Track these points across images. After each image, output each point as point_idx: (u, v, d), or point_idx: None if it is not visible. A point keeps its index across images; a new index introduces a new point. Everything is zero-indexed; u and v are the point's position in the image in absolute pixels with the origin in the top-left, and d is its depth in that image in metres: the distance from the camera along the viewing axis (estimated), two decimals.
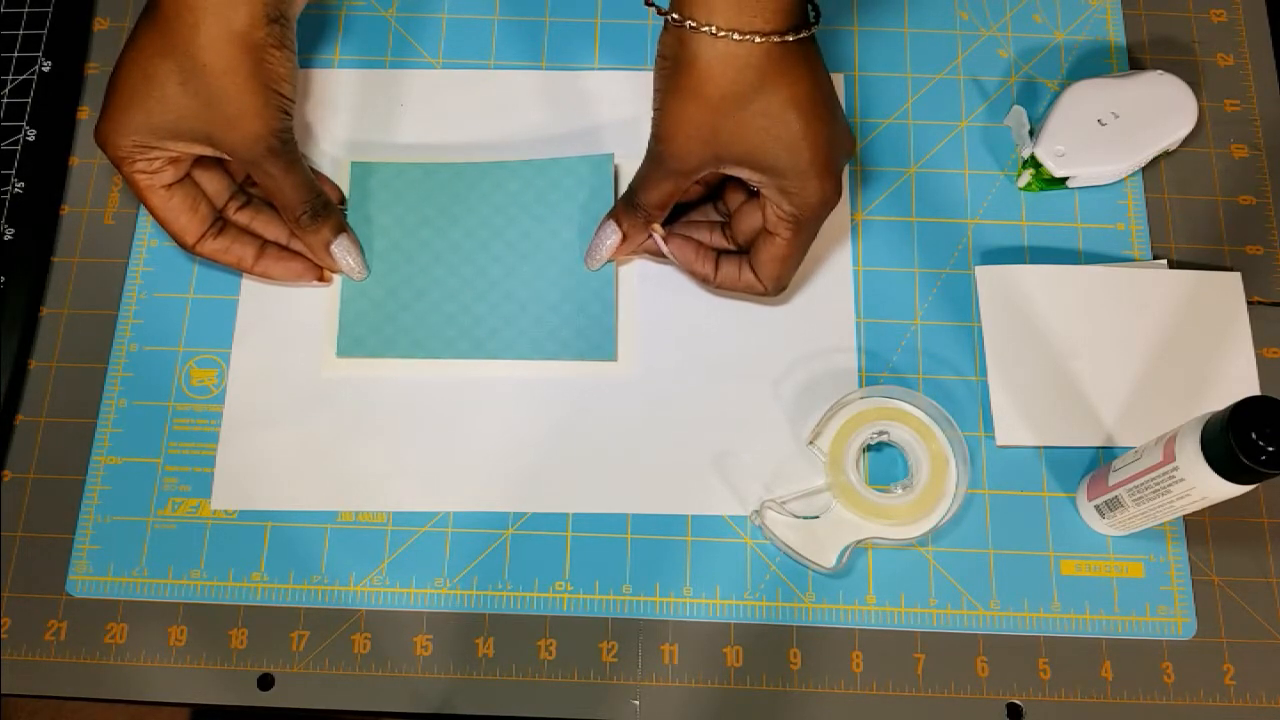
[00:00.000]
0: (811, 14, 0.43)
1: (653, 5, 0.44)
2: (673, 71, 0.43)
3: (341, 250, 0.51)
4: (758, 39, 0.41)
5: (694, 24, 0.41)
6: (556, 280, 0.53)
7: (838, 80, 0.58)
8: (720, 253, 0.51)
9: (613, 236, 0.51)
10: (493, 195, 0.54)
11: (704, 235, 0.52)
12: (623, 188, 0.50)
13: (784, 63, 0.42)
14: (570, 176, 0.54)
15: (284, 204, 0.49)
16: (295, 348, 0.53)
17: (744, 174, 0.45)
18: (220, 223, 0.51)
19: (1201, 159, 0.57)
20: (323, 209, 0.50)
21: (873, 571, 0.50)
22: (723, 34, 0.41)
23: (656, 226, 0.50)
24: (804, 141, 0.43)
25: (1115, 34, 0.59)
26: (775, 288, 0.49)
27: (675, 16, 0.42)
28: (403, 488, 0.50)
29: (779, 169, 0.44)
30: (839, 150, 0.45)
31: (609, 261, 0.52)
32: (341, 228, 0.52)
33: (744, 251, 0.50)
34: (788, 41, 0.42)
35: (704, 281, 0.51)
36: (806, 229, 0.47)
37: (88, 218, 0.55)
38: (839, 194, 0.46)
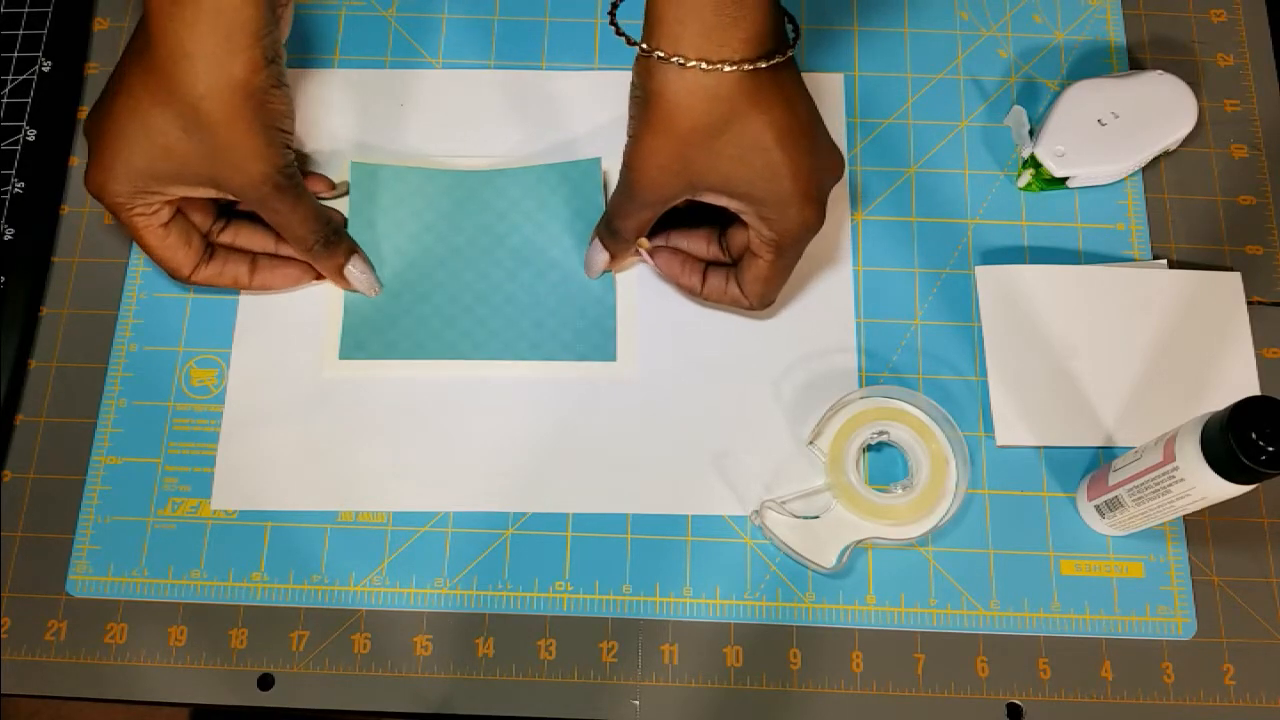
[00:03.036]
0: (790, 33, 0.42)
1: (623, 35, 0.42)
2: (643, 102, 0.41)
3: (356, 271, 0.51)
4: (727, 68, 0.39)
5: (661, 54, 0.39)
6: (557, 284, 0.53)
7: (836, 80, 0.58)
8: (709, 265, 0.50)
9: (602, 254, 0.51)
10: (494, 202, 0.54)
11: (700, 244, 0.51)
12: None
13: (757, 92, 0.40)
14: (567, 182, 0.54)
15: (295, 237, 0.49)
16: (295, 348, 0.53)
17: (722, 201, 0.44)
18: (210, 248, 0.50)
19: (1201, 159, 0.57)
20: (333, 236, 0.50)
21: (873, 571, 0.50)
22: (691, 64, 0.39)
23: (643, 241, 0.50)
24: (782, 170, 0.42)
25: (1115, 34, 0.59)
26: (760, 304, 0.49)
27: (644, 46, 0.40)
28: (403, 488, 0.50)
29: (756, 197, 0.43)
30: (820, 176, 0.44)
31: (606, 271, 0.53)
32: (353, 250, 0.52)
33: (735, 264, 0.50)
34: (760, 69, 0.40)
35: (690, 294, 0.51)
36: (789, 253, 0.46)
37: (88, 218, 0.55)
38: (821, 220, 0.44)
